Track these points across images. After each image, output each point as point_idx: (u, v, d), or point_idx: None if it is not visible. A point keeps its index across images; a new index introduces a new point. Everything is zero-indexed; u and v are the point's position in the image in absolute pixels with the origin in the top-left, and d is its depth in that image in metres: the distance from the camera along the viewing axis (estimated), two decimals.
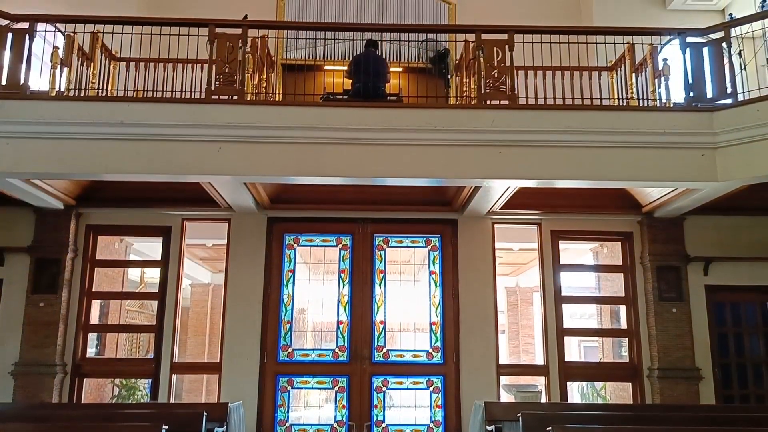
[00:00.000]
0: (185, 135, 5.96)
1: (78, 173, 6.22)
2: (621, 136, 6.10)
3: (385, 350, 7.61)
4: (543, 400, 7.41)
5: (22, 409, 6.03)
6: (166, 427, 4.68)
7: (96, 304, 8.08)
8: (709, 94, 6.35)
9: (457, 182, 6.62)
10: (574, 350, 13.56)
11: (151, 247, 9.36)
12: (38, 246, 7.50)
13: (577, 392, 10.36)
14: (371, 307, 7.72)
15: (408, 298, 7.82)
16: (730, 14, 9.17)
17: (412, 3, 9.58)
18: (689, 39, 6.49)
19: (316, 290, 7.94)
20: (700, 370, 7.44)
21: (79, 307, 7.58)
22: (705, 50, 6.44)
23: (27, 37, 6.17)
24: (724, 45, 6.35)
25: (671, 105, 6.62)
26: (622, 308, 8.15)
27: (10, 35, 6.17)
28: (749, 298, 7.85)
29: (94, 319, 8.00)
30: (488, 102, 6.30)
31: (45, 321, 7.32)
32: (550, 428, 4.67)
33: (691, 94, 6.35)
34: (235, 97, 6.18)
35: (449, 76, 8.79)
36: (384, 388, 7.51)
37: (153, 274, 10.40)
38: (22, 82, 6.07)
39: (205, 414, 5.41)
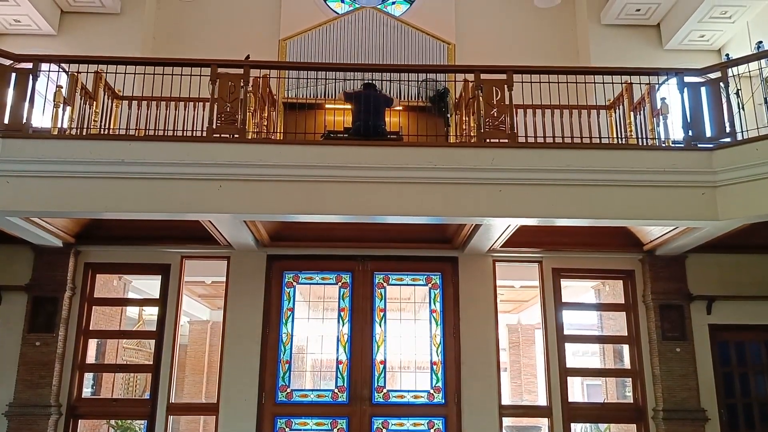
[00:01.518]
0: (186, 173, 5.95)
1: (78, 212, 6.20)
2: (621, 175, 6.10)
3: (385, 391, 7.47)
4: None
5: None
6: None
7: (93, 343, 7.97)
8: (708, 133, 6.38)
9: (458, 220, 6.61)
10: (578, 389, 13.39)
11: (150, 285, 9.31)
12: (36, 284, 7.42)
13: None
14: (371, 346, 7.61)
15: (408, 337, 7.70)
16: (727, 54, 9.28)
17: (411, 43, 9.72)
18: (687, 78, 6.54)
19: (315, 329, 7.83)
20: (705, 411, 7.30)
21: (75, 346, 7.46)
22: (703, 90, 6.49)
23: (30, 76, 6.18)
24: (722, 84, 6.40)
25: (670, 143, 6.65)
26: (625, 347, 8.05)
27: (13, 75, 6.20)
28: (754, 337, 7.74)
29: (91, 358, 7.88)
30: (488, 140, 6.32)
31: (41, 361, 7.20)
32: None
33: (690, 132, 6.38)
34: (236, 136, 6.20)
35: (449, 115, 8.86)
36: (384, 430, 7.35)
37: (151, 312, 10.31)
38: (24, 121, 6.07)
39: None
